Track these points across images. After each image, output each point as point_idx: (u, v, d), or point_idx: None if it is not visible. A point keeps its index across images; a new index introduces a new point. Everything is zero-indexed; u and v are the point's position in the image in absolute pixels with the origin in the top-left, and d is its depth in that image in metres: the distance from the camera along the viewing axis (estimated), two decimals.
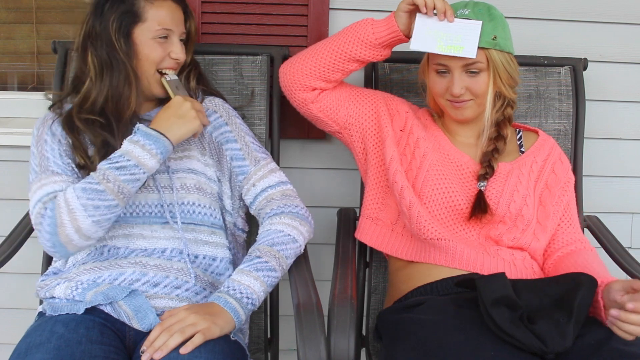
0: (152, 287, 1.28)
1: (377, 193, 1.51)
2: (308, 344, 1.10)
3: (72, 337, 1.16)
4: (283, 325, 1.62)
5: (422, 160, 1.43)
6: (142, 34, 1.35)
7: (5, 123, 1.87)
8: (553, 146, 1.52)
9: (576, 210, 1.51)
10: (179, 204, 1.35)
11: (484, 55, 1.35)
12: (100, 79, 1.34)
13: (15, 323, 1.57)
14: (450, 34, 1.33)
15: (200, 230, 1.37)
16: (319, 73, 1.45)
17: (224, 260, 1.38)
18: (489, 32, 1.34)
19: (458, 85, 1.36)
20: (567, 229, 1.46)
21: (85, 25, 1.36)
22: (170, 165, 1.37)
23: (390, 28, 1.40)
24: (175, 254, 1.33)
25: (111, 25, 1.33)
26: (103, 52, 1.33)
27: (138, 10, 1.34)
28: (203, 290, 1.33)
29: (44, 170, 1.32)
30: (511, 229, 1.40)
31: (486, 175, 1.40)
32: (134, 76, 1.34)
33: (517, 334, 1.11)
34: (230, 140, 1.44)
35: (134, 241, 1.32)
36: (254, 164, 1.43)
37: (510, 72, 1.39)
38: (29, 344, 1.15)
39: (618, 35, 1.82)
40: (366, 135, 1.50)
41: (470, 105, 1.40)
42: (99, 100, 1.34)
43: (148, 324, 1.24)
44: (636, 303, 1.08)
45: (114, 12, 1.33)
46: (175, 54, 1.38)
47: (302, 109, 1.52)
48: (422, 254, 1.42)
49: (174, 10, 1.38)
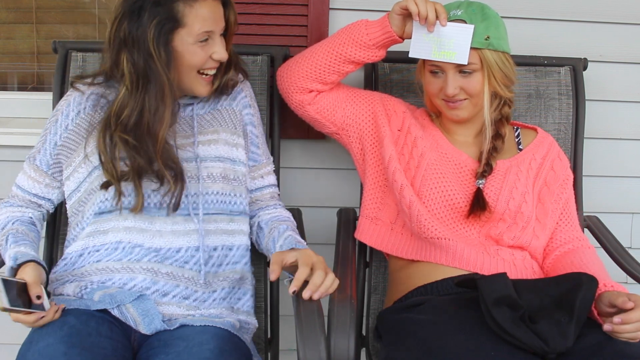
0: (162, 296, 1.29)
1: (376, 193, 1.51)
2: (308, 344, 1.10)
3: (82, 328, 1.17)
4: (283, 325, 1.62)
5: (420, 160, 1.43)
6: (183, 40, 1.28)
7: (5, 123, 1.86)
8: (552, 144, 1.52)
9: (575, 208, 1.52)
10: (203, 195, 1.35)
11: (477, 56, 1.35)
12: (136, 90, 1.27)
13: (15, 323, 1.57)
14: (443, 39, 1.35)
15: (220, 219, 1.37)
16: (314, 75, 1.46)
17: (241, 247, 1.39)
18: (482, 33, 1.34)
19: (452, 85, 1.37)
20: (565, 227, 1.47)
21: (117, 27, 1.27)
22: (199, 153, 1.36)
23: (384, 29, 1.41)
24: (190, 256, 1.32)
25: (149, 33, 1.24)
26: (140, 61, 1.25)
27: (177, 15, 1.26)
28: (212, 294, 1.34)
29: (34, 153, 1.40)
30: (511, 227, 1.40)
31: (484, 173, 1.40)
32: (170, 89, 1.27)
33: (519, 333, 1.11)
34: (252, 124, 1.48)
35: (150, 239, 1.30)
36: (266, 158, 1.50)
37: (505, 72, 1.38)
38: (40, 332, 1.16)
39: (618, 35, 1.82)
40: (363, 135, 1.50)
41: (465, 105, 1.40)
42: (134, 114, 1.27)
43: (154, 329, 1.24)
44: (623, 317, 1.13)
45: (152, 18, 1.24)
46: (217, 54, 1.32)
47: (299, 111, 1.53)
48: (422, 252, 1.42)
49: (214, 8, 1.30)
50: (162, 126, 1.27)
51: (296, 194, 1.55)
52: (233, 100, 1.47)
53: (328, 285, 1.21)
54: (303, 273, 1.20)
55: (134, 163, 1.27)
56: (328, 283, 1.21)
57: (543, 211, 1.44)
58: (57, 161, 1.38)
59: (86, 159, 1.33)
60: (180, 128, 1.38)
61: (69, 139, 1.37)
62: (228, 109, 1.45)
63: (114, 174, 1.28)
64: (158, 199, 1.31)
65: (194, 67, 1.32)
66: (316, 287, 1.20)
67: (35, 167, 1.38)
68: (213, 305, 1.33)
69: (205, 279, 1.33)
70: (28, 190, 1.39)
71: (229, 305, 1.36)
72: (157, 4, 1.25)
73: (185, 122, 1.40)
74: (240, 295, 1.40)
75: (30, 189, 1.39)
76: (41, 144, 1.39)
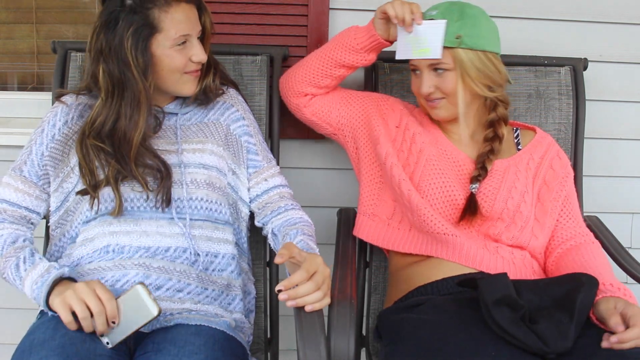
0: (155, 290, 1.28)
1: (372, 189, 1.53)
2: (308, 344, 1.10)
3: (76, 334, 1.15)
4: (283, 325, 1.62)
5: (419, 155, 1.44)
6: (161, 45, 1.31)
7: (5, 123, 1.87)
8: (550, 143, 1.52)
9: (577, 204, 1.51)
10: (188, 200, 1.35)
11: (450, 55, 1.36)
12: (111, 98, 1.30)
13: (15, 323, 1.57)
14: (419, 37, 1.38)
15: (205, 226, 1.37)
16: (308, 79, 1.52)
17: (227, 256, 1.39)
18: (453, 31, 1.35)
19: (426, 84, 1.40)
20: (566, 223, 1.46)
21: (96, 38, 1.30)
22: (183, 160, 1.37)
23: (369, 33, 1.46)
24: (179, 254, 1.33)
25: (126, 42, 1.27)
26: (115, 70, 1.29)
27: (154, 22, 1.29)
28: (205, 290, 1.33)
29: (20, 165, 1.35)
30: (510, 227, 1.40)
31: (479, 177, 1.40)
32: (146, 96, 1.30)
33: (519, 333, 1.11)
34: (247, 134, 1.49)
35: (137, 238, 1.31)
36: (267, 162, 1.50)
37: (483, 70, 1.38)
38: (32, 341, 1.14)
39: (618, 35, 1.82)
40: (357, 135, 1.54)
41: (443, 104, 1.42)
42: (108, 122, 1.30)
43: (149, 326, 1.23)
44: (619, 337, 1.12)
45: (129, 26, 1.27)
46: (196, 56, 1.35)
47: (297, 113, 1.59)
48: (421, 246, 1.42)
49: (188, 12, 1.33)
50: (136, 132, 1.30)
51: (296, 194, 1.54)
52: (221, 115, 1.48)
53: (309, 301, 1.14)
54: (298, 277, 1.15)
55: (110, 169, 1.29)
56: (311, 299, 1.14)
57: (542, 210, 1.44)
58: (45, 172, 1.36)
59: (75, 168, 1.34)
60: (165, 135, 1.41)
61: (55, 149, 1.36)
62: (216, 122, 1.46)
63: (90, 181, 1.30)
64: (142, 202, 1.32)
65: (175, 71, 1.35)
66: (296, 296, 1.14)
67: (24, 179, 1.34)
68: (207, 301, 1.33)
69: (197, 274, 1.33)
70: (18, 204, 1.33)
71: (220, 306, 1.36)
72: (133, 12, 1.28)
73: (170, 130, 1.42)
74: (230, 300, 1.39)
75: (20, 202, 1.34)
76: (26, 156, 1.36)
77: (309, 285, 1.15)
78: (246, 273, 1.48)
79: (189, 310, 1.30)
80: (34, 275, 1.21)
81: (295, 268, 1.19)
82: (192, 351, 1.15)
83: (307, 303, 1.14)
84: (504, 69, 1.42)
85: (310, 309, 1.14)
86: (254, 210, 1.49)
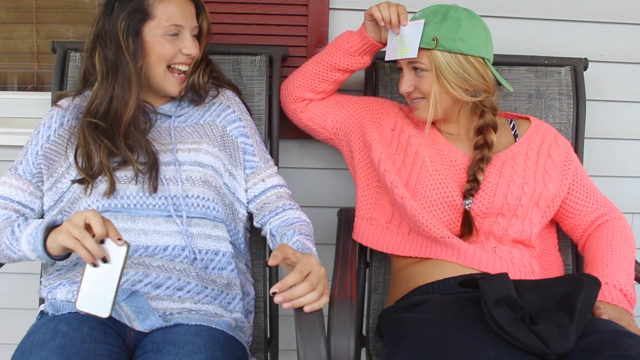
0: (155, 288, 1.28)
1: (369, 194, 1.53)
2: (308, 344, 1.10)
3: (76, 335, 1.16)
4: (283, 325, 1.62)
5: (414, 158, 1.44)
6: (152, 32, 1.35)
7: (5, 123, 1.86)
8: (547, 130, 1.51)
9: (588, 179, 1.52)
10: (184, 197, 1.35)
11: (426, 56, 1.37)
12: (106, 81, 1.35)
13: (15, 323, 1.57)
14: (403, 37, 1.40)
15: (203, 224, 1.37)
16: (306, 84, 1.55)
17: (227, 254, 1.39)
18: (430, 33, 1.36)
19: (405, 83, 1.42)
20: (585, 205, 1.49)
21: (95, 26, 1.37)
22: (178, 158, 1.38)
23: (361, 36, 1.48)
24: (178, 252, 1.33)
25: (120, 25, 1.33)
26: (110, 53, 1.34)
27: (147, 8, 1.34)
28: (204, 289, 1.33)
29: (16, 165, 1.39)
30: (512, 221, 1.40)
31: (471, 190, 1.39)
32: (136, 77, 1.34)
33: (519, 334, 1.11)
34: (244, 135, 1.49)
35: (135, 237, 1.31)
36: (264, 162, 1.50)
37: (460, 74, 1.36)
38: (32, 342, 1.14)
39: (618, 35, 1.82)
40: (350, 140, 1.55)
41: (423, 105, 1.42)
42: (103, 103, 1.34)
43: (150, 325, 1.24)
44: None
45: (123, 10, 1.33)
46: (186, 49, 1.38)
47: (294, 119, 1.61)
48: (421, 249, 1.43)
49: (183, 5, 1.38)
50: (126, 110, 1.34)
51: (296, 194, 1.55)
52: (217, 117, 1.49)
53: (305, 301, 1.13)
54: (292, 279, 1.13)
55: (103, 148, 1.32)
56: (307, 299, 1.13)
57: (547, 198, 1.44)
58: (39, 171, 1.38)
59: (70, 169, 1.35)
60: (159, 136, 1.42)
61: (50, 149, 1.39)
62: (211, 124, 1.47)
63: (85, 167, 1.32)
64: (137, 199, 1.33)
65: (164, 59, 1.37)
66: (291, 297, 1.13)
67: (18, 176, 1.38)
68: (207, 300, 1.33)
69: (197, 273, 1.33)
70: (11, 198, 1.36)
71: (220, 305, 1.36)
72: None
73: (165, 132, 1.43)
74: (230, 300, 1.39)
75: (13, 197, 1.36)
76: (22, 156, 1.40)
77: (303, 286, 1.14)
78: (244, 274, 1.48)
79: (189, 309, 1.30)
80: (28, 230, 1.22)
81: (290, 269, 1.18)
82: (192, 351, 1.16)
83: (303, 304, 1.13)
84: (491, 75, 1.39)
85: (309, 309, 1.13)
86: (252, 211, 1.49)
